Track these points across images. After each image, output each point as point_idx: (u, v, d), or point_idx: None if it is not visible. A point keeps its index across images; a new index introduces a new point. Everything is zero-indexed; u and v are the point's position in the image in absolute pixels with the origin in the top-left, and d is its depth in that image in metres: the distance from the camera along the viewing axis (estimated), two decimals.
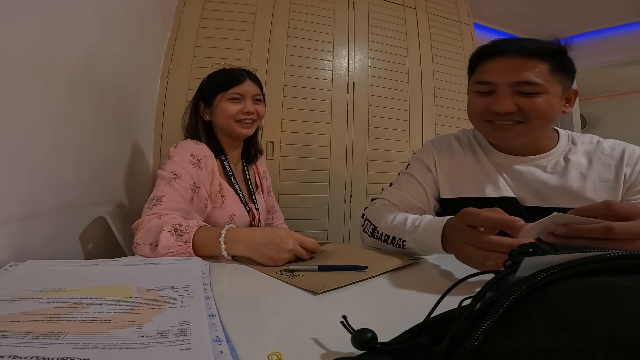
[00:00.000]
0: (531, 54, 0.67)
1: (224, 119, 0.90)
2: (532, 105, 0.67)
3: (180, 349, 0.28)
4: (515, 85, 0.67)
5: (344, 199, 1.80)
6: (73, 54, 0.79)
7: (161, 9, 1.48)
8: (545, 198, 0.72)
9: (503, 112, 0.68)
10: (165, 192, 0.74)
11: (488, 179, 0.76)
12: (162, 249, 0.61)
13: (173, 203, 0.74)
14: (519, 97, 0.67)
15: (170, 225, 0.64)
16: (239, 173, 0.99)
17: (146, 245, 0.64)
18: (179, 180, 0.76)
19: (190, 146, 0.83)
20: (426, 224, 0.62)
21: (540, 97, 0.66)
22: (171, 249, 0.61)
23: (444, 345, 0.22)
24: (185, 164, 0.79)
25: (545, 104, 0.67)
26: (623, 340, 0.17)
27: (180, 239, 0.62)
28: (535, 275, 0.21)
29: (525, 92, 0.67)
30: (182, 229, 0.63)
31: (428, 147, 0.86)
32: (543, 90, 0.66)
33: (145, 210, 0.73)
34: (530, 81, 0.66)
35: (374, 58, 1.91)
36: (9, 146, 0.59)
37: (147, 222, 0.68)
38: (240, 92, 0.90)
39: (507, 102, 0.68)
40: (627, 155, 0.69)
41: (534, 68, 0.66)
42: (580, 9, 2.52)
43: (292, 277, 0.51)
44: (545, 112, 0.67)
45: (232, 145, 0.97)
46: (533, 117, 0.68)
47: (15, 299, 0.38)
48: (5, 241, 0.59)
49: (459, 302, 0.27)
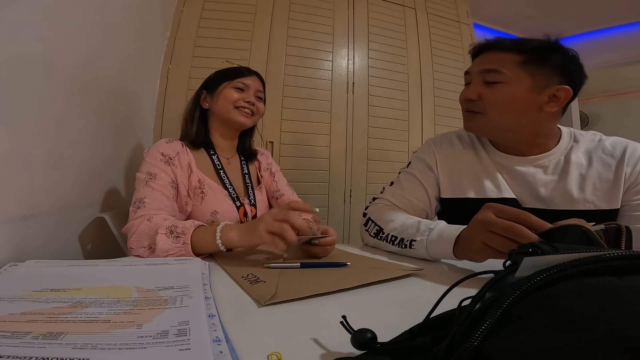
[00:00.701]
0: (506, 48, 0.69)
1: (224, 102, 0.91)
2: (490, 95, 0.70)
3: (180, 349, 0.28)
4: (481, 73, 0.71)
5: (343, 199, 1.80)
6: (73, 54, 0.79)
7: (161, 9, 1.48)
8: (545, 200, 0.72)
9: (463, 98, 0.74)
10: (145, 194, 0.74)
11: (488, 178, 0.76)
12: (160, 252, 0.61)
13: (156, 202, 0.74)
14: (483, 86, 0.71)
15: (165, 227, 0.64)
16: (233, 167, 0.97)
17: (141, 249, 0.65)
18: (155, 180, 0.76)
19: (161, 145, 0.83)
20: (441, 228, 0.62)
21: (500, 86, 0.68)
22: (170, 251, 0.62)
23: (444, 346, 0.22)
24: (157, 163, 0.79)
25: (503, 94, 0.68)
26: (623, 340, 0.17)
27: (178, 241, 0.62)
28: (535, 276, 0.21)
29: (489, 81, 0.70)
30: (179, 231, 0.63)
31: (429, 145, 0.86)
32: (505, 79, 0.68)
33: (130, 214, 0.73)
34: (492, 68, 0.69)
35: (374, 58, 1.91)
36: (9, 146, 0.59)
37: (137, 225, 0.68)
38: (245, 83, 0.93)
39: (472, 89, 0.72)
40: (629, 154, 0.69)
41: (500, 59, 0.69)
42: (580, 9, 2.52)
43: (253, 283, 0.48)
44: (500, 102, 0.69)
45: (225, 136, 0.96)
46: (488, 106, 0.70)
47: (14, 299, 0.38)
48: (5, 241, 0.59)
49: (458, 302, 0.27)
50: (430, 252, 0.63)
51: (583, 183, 0.70)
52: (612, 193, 0.68)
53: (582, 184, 0.70)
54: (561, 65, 0.67)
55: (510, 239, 0.47)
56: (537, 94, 0.68)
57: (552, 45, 0.68)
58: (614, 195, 0.68)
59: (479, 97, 0.71)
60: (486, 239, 0.51)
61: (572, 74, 0.68)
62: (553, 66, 0.67)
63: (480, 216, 0.53)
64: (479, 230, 0.52)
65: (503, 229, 0.48)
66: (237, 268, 0.56)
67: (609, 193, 0.68)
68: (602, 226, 0.43)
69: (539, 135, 0.73)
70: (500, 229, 0.49)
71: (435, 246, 0.61)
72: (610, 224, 0.43)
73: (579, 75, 0.69)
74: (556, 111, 0.70)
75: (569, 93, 0.68)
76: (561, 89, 0.68)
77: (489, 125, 0.73)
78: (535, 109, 0.69)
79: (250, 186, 0.96)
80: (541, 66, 0.67)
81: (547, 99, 0.68)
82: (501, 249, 0.49)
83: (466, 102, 0.74)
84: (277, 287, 0.45)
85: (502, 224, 0.48)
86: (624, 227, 0.43)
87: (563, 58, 0.68)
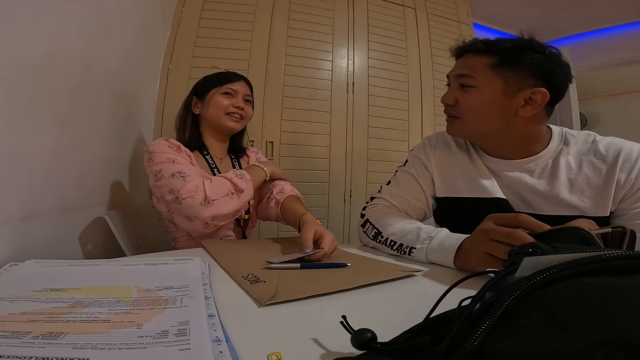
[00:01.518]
0: (479, 51, 0.69)
1: (215, 110, 0.96)
2: (464, 100, 0.70)
3: (180, 349, 0.28)
4: (457, 77, 0.71)
5: (343, 199, 1.80)
6: (73, 54, 0.79)
7: (161, 9, 1.48)
8: (532, 205, 0.70)
9: (444, 102, 0.74)
10: (179, 169, 0.80)
11: (481, 179, 0.75)
12: (246, 195, 0.83)
13: (195, 170, 0.83)
14: (459, 91, 0.71)
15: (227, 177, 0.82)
16: (226, 166, 1.01)
17: (226, 196, 0.79)
18: (179, 159, 0.83)
19: (162, 141, 0.88)
20: (442, 238, 0.62)
21: (472, 90, 0.68)
22: (247, 190, 0.83)
23: (444, 345, 0.22)
24: (169, 150, 0.85)
25: (474, 98, 0.68)
26: (623, 340, 0.17)
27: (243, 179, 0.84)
28: (535, 276, 0.21)
29: (463, 85, 0.70)
30: (239, 173, 0.84)
31: (424, 143, 0.86)
32: (477, 83, 0.67)
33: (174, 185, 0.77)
34: (464, 73, 0.69)
35: (374, 58, 1.91)
36: (9, 146, 0.59)
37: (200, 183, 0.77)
38: (233, 88, 0.98)
39: (449, 95, 0.73)
40: (622, 159, 0.64)
41: (478, 63, 0.68)
42: (580, 9, 2.52)
43: (253, 283, 0.47)
44: (473, 107, 0.68)
45: (217, 139, 1.02)
46: (464, 111, 0.70)
47: (14, 299, 0.38)
48: (5, 241, 0.59)
49: (458, 302, 0.27)
50: (430, 260, 0.62)
51: (571, 188, 0.67)
52: (600, 200, 0.65)
53: (569, 189, 0.67)
54: (536, 66, 0.64)
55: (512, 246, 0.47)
56: (511, 98, 0.66)
57: (525, 45, 0.65)
58: (602, 202, 0.64)
59: (456, 101, 0.71)
60: (488, 247, 0.51)
61: (550, 74, 0.64)
62: (527, 67, 0.64)
63: (481, 226, 0.53)
64: (480, 240, 0.52)
65: (504, 236, 0.48)
66: (237, 268, 0.56)
67: (597, 200, 0.65)
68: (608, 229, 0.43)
69: (521, 140, 0.70)
70: (501, 235, 0.49)
71: (435, 255, 0.61)
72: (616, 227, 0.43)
73: (561, 74, 0.65)
74: (534, 115, 0.66)
75: (545, 96, 0.64)
76: (537, 91, 0.64)
77: (466, 129, 0.73)
78: (511, 113, 0.66)
79: None
80: (513, 68, 0.64)
81: (523, 102, 0.65)
82: (503, 257, 0.48)
83: (445, 106, 0.75)
84: (277, 287, 0.45)
85: (503, 230, 0.49)
86: (629, 230, 0.43)
87: (538, 58, 0.64)
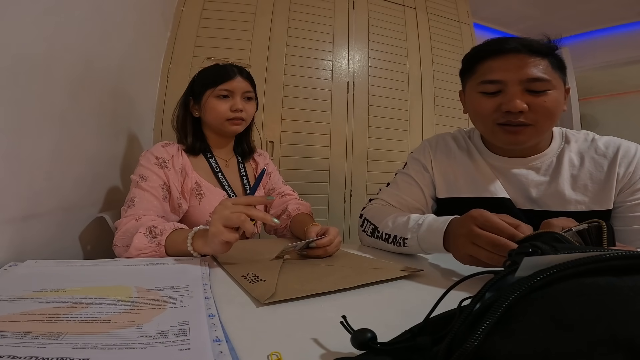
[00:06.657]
0: (534, 51, 0.66)
1: (214, 118, 0.89)
2: (541, 104, 0.65)
3: (180, 349, 0.28)
4: (525, 82, 0.65)
5: (343, 199, 1.80)
6: (73, 54, 0.79)
7: (161, 8, 1.48)
8: (537, 202, 0.71)
9: (517, 110, 0.64)
10: (135, 194, 0.77)
11: (483, 179, 0.75)
12: (133, 250, 0.61)
13: (145, 202, 0.77)
14: (528, 96, 0.65)
15: (146, 227, 0.64)
16: (232, 169, 0.98)
17: (122, 247, 0.66)
18: (146, 181, 0.79)
19: (156, 149, 0.85)
20: (429, 223, 0.62)
21: (549, 94, 0.65)
22: (143, 250, 0.62)
23: (444, 345, 0.22)
24: (151, 166, 0.81)
25: (553, 101, 0.66)
26: (622, 340, 0.17)
27: (154, 241, 0.62)
28: (535, 276, 0.21)
29: (534, 90, 0.65)
30: (157, 231, 0.63)
31: (425, 145, 0.86)
32: (551, 86, 0.65)
33: (122, 212, 0.76)
34: (540, 77, 0.64)
35: (374, 58, 1.91)
36: (9, 146, 0.59)
37: (125, 224, 0.70)
38: (229, 89, 0.88)
39: (520, 101, 0.64)
40: (621, 154, 0.67)
41: (539, 64, 0.65)
42: (580, 9, 2.52)
43: (252, 282, 0.48)
44: (553, 110, 0.66)
45: (221, 142, 0.97)
46: (541, 117, 0.65)
47: (14, 299, 0.38)
48: (5, 241, 0.59)
49: (458, 302, 0.27)
50: (423, 248, 0.62)
51: (575, 184, 0.69)
52: (603, 194, 0.67)
53: (573, 184, 0.69)
54: (564, 65, 0.69)
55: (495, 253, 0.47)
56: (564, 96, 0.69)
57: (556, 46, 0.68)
58: (605, 196, 0.67)
59: (529, 107, 0.65)
60: (471, 251, 0.50)
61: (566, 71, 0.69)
62: (563, 67, 0.68)
63: (464, 230, 0.52)
64: (463, 244, 0.52)
65: (489, 244, 0.47)
66: (237, 267, 0.56)
67: (600, 194, 0.67)
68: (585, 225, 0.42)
69: None
70: (486, 243, 0.48)
71: (426, 241, 0.61)
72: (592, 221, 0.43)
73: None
74: None
75: (569, 91, 0.69)
76: (568, 88, 0.69)
77: (536, 136, 0.68)
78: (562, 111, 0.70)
79: (248, 187, 0.97)
80: (558, 68, 0.67)
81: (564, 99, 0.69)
82: (487, 261, 0.49)
83: (512, 114, 0.66)
84: (276, 286, 0.45)
85: (488, 238, 0.48)
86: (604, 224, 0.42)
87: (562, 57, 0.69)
